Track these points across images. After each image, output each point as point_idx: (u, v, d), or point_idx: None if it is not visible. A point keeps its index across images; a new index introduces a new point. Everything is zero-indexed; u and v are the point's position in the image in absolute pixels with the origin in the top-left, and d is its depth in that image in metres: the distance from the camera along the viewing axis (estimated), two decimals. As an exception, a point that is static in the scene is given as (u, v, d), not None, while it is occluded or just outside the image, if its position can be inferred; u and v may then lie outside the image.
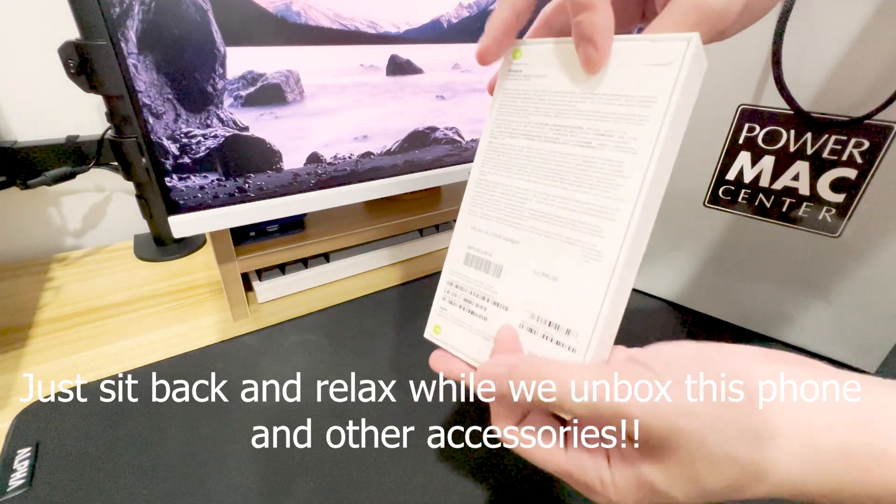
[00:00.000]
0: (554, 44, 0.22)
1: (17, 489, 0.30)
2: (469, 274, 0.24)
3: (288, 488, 0.31)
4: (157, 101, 0.35)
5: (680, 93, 0.19)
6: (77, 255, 0.60)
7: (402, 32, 0.43)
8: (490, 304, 0.23)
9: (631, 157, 0.20)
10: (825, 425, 0.18)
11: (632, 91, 0.20)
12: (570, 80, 0.21)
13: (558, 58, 0.22)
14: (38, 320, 0.48)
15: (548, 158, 0.22)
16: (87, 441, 0.34)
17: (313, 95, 0.41)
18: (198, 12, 0.34)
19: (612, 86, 0.20)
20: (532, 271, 0.22)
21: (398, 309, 0.49)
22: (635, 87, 0.20)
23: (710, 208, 0.45)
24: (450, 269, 0.25)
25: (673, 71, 0.19)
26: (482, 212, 0.24)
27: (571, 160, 0.21)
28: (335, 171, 0.44)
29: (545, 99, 0.22)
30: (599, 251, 0.20)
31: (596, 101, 0.21)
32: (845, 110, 0.36)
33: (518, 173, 0.23)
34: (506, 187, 0.23)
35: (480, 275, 0.24)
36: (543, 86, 0.22)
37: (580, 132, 0.21)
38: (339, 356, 0.42)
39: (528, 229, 0.22)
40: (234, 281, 0.47)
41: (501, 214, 0.23)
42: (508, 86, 0.24)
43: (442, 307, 0.25)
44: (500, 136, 0.24)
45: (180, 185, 0.38)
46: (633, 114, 0.20)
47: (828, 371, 0.19)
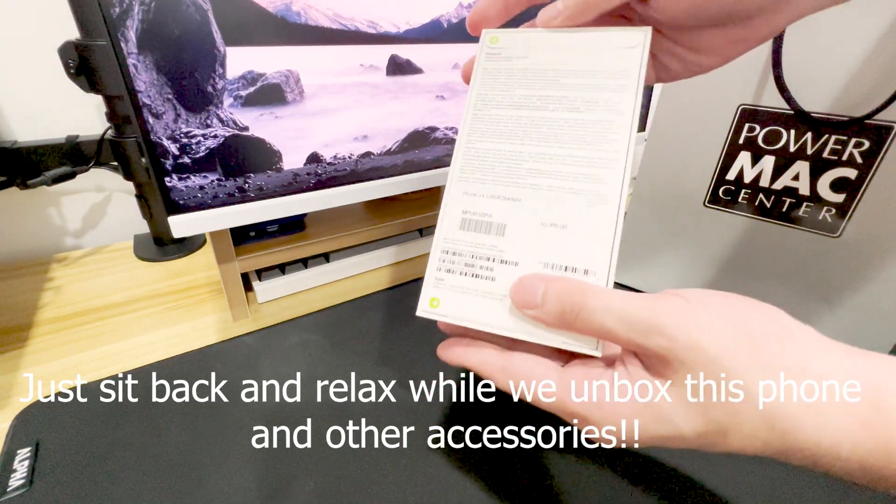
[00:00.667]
0: (531, 33, 0.25)
1: (16, 489, 0.30)
2: (467, 238, 0.24)
3: (288, 488, 0.31)
4: (157, 100, 0.35)
5: (644, 67, 0.24)
6: (77, 255, 0.60)
7: (402, 32, 0.43)
8: (497, 264, 0.24)
9: (618, 117, 0.24)
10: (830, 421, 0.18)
11: (609, 67, 0.24)
12: (553, 59, 0.25)
13: (539, 43, 0.25)
14: (38, 320, 0.48)
15: (539, 124, 0.24)
16: (87, 441, 0.34)
17: (313, 95, 0.41)
18: (198, 12, 0.34)
19: (593, 64, 0.24)
20: (539, 223, 0.23)
21: (398, 309, 0.49)
22: (612, 64, 0.24)
23: (710, 208, 0.45)
24: (443, 238, 0.25)
25: (639, 51, 0.24)
26: (475, 177, 0.25)
27: (563, 123, 0.24)
28: (335, 171, 0.44)
29: (528, 75, 0.25)
30: (604, 195, 0.23)
31: (579, 76, 0.24)
32: (845, 110, 0.36)
33: (510, 138, 0.25)
34: (498, 152, 0.25)
35: (481, 237, 0.24)
36: (526, 65, 0.25)
37: (567, 100, 0.24)
38: (339, 356, 0.42)
39: (528, 187, 0.24)
40: (234, 281, 0.47)
41: (497, 177, 0.25)
42: (489, 66, 0.26)
43: (438, 278, 0.24)
44: (486, 108, 0.25)
45: (180, 185, 0.38)
46: (615, 83, 0.24)
47: (829, 361, 0.19)
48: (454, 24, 0.45)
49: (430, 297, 0.24)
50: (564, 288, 0.21)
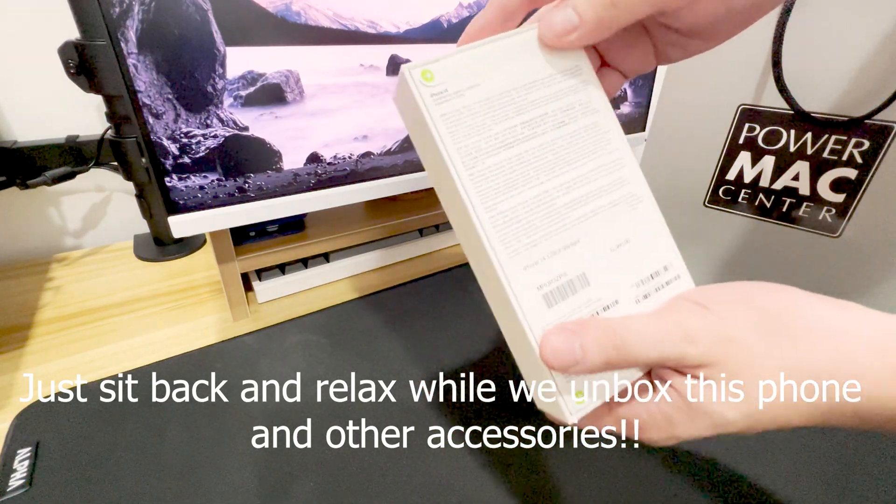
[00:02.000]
0: (461, 55, 0.21)
1: (16, 489, 0.30)
2: (561, 311, 0.21)
3: (288, 488, 0.31)
4: (157, 100, 0.35)
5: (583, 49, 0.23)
6: (77, 255, 0.60)
7: (402, 32, 0.43)
8: (603, 313, 0.21)
9: (599, 115, 0.23)
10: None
11: (561, 67, 0.22)
12: (505, 79, 0.21)
13: (479, 66, 0.21)
14: (39, 320, 0.48)
15: (540, 154, 0.22)
16: (87, 441, 0.34)
17: (313, 95, 0.41)
18: (198, 12, 0.34)
19: (542, 69, 0.22)
20: (609, 252, 0.22)
21: (398, 309, 0.49)
22: (560, 64, 0.22)
23: (710, 208, 0.45)
24: (534, 334, 0.20)
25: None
26: (522, 243, 0.21)
27: (560, 143, 0.22)
28: (335, 171, 0.44)
29: (494, 106, 0.21)
30: (637, 194, 0.23)
31: (540, 87, 0.22)
32: (845, 110, 0.36)
33: (526, 183, 0.21)
34: (525, 204, 0.21)
35: (571, 301, 0.21)
36: (482, 94, 0.21)
37: (548, 117, 0.22)
38: (339, 356, 0.42)
39: (576, 222, 0.22)
40: (234, 281, 0.47)
41: (543, 230, 0.21)
42: (443, 111, 0.20)
43: (564, 376, 0.21)
44: (477, 163, 0.21)
45: (180, 185, 0.38)
46: (576, 83, 0.22)
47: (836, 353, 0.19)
48: (454, 24, 0.45)
49: (574, 393, 0.21)
50: (598, 335, 0.20)
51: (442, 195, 0.23)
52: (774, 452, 0.34)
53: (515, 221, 0.21)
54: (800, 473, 0.33)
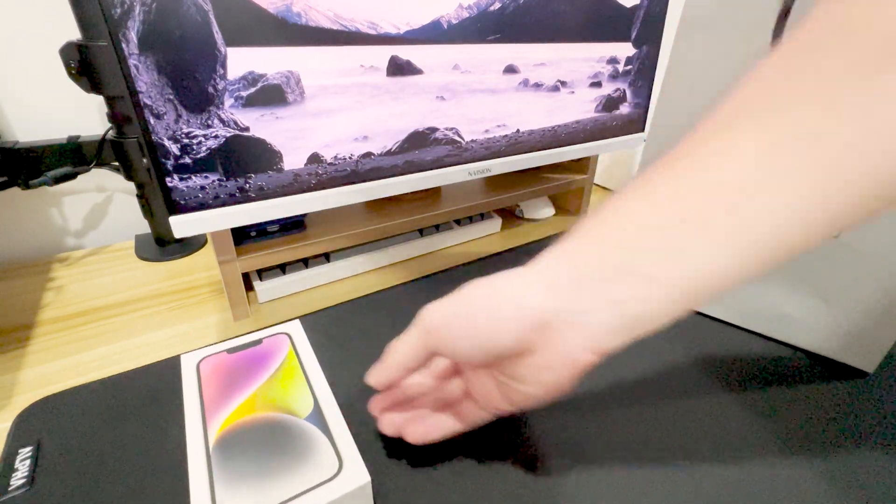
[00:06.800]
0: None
1: (18, 488, 0.30)
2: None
3: (288, 487, 0.31)
4: (158, 101, 0.35)
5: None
6: (78, 256, 0.60)
7: (403, 33, 0.43)
8: None
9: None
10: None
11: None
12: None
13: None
14: (40, 320, 0.48)
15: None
16: (88, 440, 0.34)
17: (314, 96, 0.41)
18: (199, 13, 0.34)
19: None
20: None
21: (398, 309, 0.49)
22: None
23: (709, 208, 0.45)
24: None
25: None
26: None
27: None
28: (335, 171, 0.45)
29: None
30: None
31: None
32: (845, 111, 0.36)
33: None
34: None
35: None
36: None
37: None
38: (339, 356, 0.42)
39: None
40: (235, 281, 0.47)
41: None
42: None
43: None
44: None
45: (181, 186, 0.38)
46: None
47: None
48: (454, 24, 0.45)
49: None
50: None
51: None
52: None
53: None
54: (801, 473, 0.33)
